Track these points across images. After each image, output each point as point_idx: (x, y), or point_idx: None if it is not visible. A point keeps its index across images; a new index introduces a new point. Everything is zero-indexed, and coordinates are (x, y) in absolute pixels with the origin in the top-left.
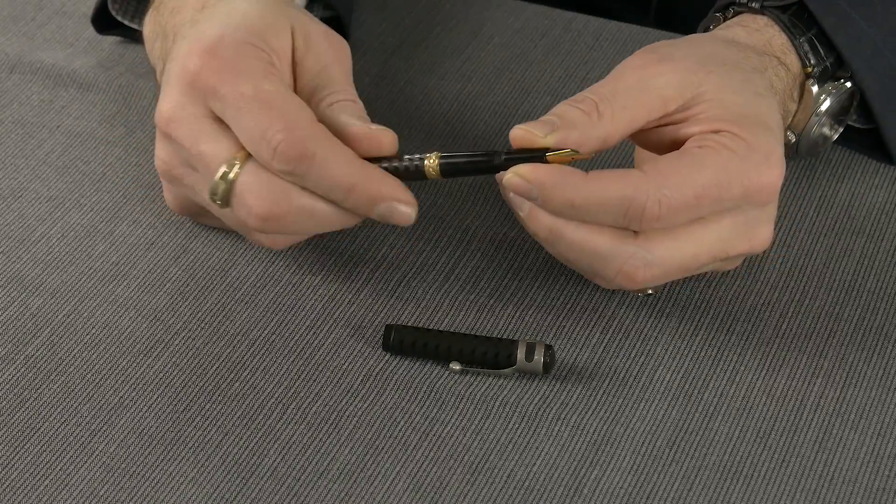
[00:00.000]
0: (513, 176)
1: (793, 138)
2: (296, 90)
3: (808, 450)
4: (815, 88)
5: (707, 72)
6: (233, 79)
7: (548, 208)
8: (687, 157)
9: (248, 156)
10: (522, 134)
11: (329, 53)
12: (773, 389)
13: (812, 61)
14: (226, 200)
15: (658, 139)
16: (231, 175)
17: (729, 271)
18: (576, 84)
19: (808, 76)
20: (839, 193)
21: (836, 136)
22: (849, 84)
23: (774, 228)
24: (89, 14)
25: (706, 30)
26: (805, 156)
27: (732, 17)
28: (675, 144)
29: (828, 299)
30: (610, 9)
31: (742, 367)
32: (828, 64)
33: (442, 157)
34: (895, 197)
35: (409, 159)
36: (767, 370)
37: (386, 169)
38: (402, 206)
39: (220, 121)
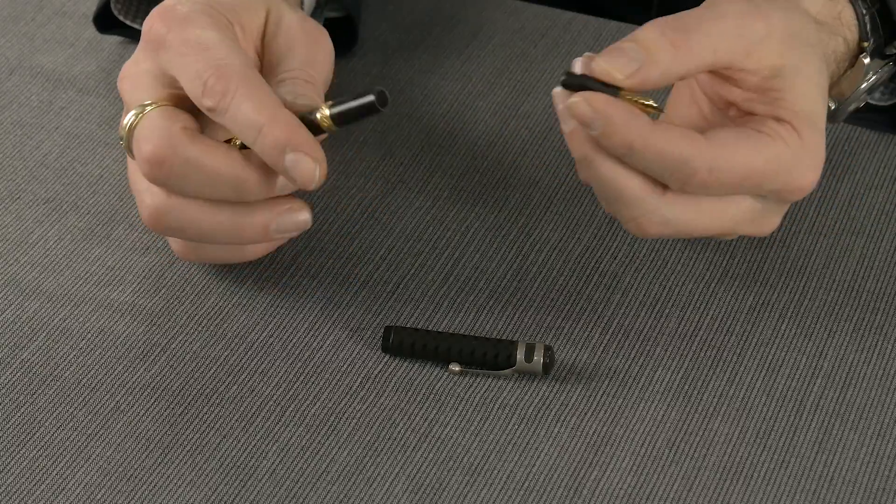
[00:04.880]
0: (581, 102)
1: (832, 106)
2: (261, 70)
3: (808, 450)
4: (866, 61)
5: (792, 48)
6: (180, 27)
7: (604, 143)
8: (746, 138)
9: (160, 105)
10: (602, 70)
11: (300, 37)
12: (773, 390)
13: (871, 38)
14: (128, 145)
15: (715, 90)
16: (135, 121)
17: (731, 274)
18: None
19: (862, 50)
20: (839, 193)
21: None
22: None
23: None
24: (90, 14)
25: None
26: (835, 122)
27: None
28: (731, 107)
29: (828, 299)
30: (611, 8)
31: (742, 368)
32: (883, 39)
33: (333, 107)
34: (895, 197)
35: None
36: (767, 370)
37: None
38: (309, 161)
39: (163, 77)
